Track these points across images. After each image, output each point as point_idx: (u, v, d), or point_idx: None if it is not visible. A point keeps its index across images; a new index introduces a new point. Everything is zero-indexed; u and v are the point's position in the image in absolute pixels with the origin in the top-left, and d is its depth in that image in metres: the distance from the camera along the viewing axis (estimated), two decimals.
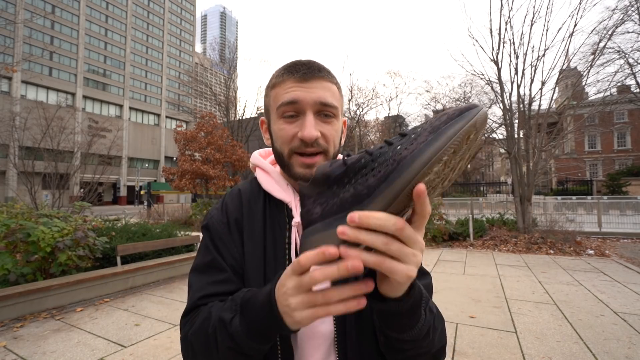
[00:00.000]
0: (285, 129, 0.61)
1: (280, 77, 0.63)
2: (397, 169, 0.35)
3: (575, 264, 6.08)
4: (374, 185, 0.36)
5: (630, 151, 33.81)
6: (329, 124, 0.62)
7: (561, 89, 15.77)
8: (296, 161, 0.62)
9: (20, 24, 37.32)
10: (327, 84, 0.62)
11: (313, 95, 0.60)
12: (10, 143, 9.21)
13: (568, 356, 2.72)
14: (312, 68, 0.61)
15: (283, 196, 0.66)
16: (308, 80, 0.60)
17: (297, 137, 0.60)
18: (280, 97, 0.61)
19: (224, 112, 28.08)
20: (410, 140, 0.36)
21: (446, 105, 31.20)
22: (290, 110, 0.60)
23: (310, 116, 0.59)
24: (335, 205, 0.39)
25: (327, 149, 0.62)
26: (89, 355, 2.83)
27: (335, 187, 0.40)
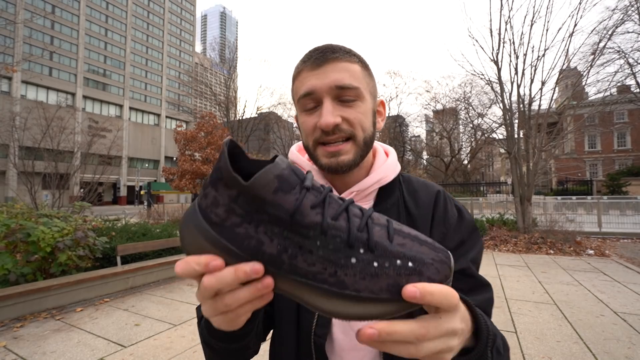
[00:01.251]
0: (307, 121, 0.59)
1: (298, 69, 0.60)
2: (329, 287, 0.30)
3: (575, 264, 6.08)
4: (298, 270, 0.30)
5: (630, 151, 33.82)
6: (352, 107, 0.57)
7: (561, 89, 15.78)
8: (320, 152, 0.59)
9: (20, 24, 37.33)
10: (343, 64, 0.57)
11: (327, 81, 0.55)
12: (10, 143, 9.20)
13: (568, 356, 2.72)
14: (325, 51, 0.57)
15: None
16: (321, 65, 0.56)
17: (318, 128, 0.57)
18: (299, 90, 0.59)
19: (224, 112, 28.11)
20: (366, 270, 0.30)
21: (446, 105, 31.22)
22: (308, 102, 0.58)
23: (328, 103, 0.56)
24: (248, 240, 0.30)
25: (353, 134, 0.57)
26: (89, 355, 2.83)
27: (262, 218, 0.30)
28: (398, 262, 0.30)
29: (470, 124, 29.96)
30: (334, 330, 0.58)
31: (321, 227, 0.30)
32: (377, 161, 0.66)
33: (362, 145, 0.58)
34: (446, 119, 33.30)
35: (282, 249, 0.30)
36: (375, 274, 0.30)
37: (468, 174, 34.14)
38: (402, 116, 36.81)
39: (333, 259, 0.30)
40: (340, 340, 0.58)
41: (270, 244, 0.30)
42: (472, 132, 31.13)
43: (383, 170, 0.64)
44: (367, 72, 0.61)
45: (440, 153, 34.42)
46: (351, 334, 0.57)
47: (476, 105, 26.63)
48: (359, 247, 0.30)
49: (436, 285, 0.29)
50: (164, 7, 59.00)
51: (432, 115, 36.89)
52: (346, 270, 0.30)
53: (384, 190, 0.64)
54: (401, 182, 0.68)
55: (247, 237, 0.30)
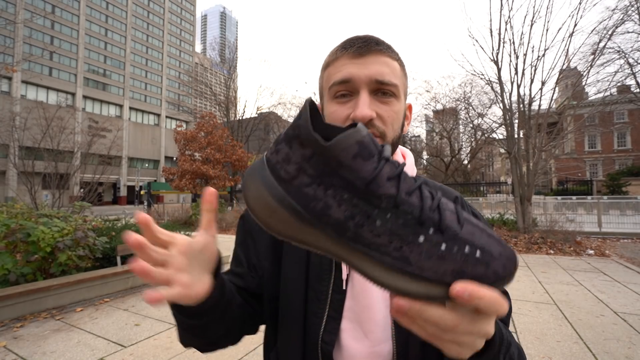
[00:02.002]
0: (337, 111, 0.55)
1: (334, 55, 0.57)
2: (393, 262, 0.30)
3: (575, 264, 6.08)
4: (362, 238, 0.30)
5: (630, 151, 33.83)
6: (387, 104, 0.55)
7: (561, 89, 15.78)
8: None
9: (20, 24, 37.34)
10: (386, 59, 0.55)
11: (368, 72, 0.53)
12: (10, 143, 9.21)
13: (568, 356, 2.72)
14: (369, 42, 0.55)
15: None
16: (363, 55, 0.53)
17: (350, 119, 0.53)
18: (333, 77, 0.55)
19: (224, 112, 28.10)
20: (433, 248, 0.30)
21: (446, 105, 31.22)
22: (342, 89, 0.54)
23: (365, 94, 0.53)
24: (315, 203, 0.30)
25: (384, 133, 0.54)
26: (89, 355, 2.83)
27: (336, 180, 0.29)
28: (467, 248, 0.30)
29: (470, 124, 29.96)
30: (344, 336, 0.54)
31: (395, 200, 0.29)
32: None
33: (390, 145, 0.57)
34: (446, 119, 33.29)
35: (349, 215, 0.29)
36: (441, 256, 0.29)
37: (468, 174, 34.14)
38: None
39: (401, 234, 0.29)
40: (351, 348, 0.54)
41: (337, 208, 0.29)
42: (472, 132, 31.13)
43: None
44: (404, 72, 0.59)
45: (440, 153, 34.41)
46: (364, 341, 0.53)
47: (476, 105, 26.63)
48: (429, 227, 0.30)
49: (486, 291, 0.28)
50: (164, 7, 59.01)
51: (432, 115, 36.88)
52: (412, 247, 0.29)
53: None
54: None
55: (314, 199, 0.29)
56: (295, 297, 0.57)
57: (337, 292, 0.56)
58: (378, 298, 0.55)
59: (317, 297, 0.56)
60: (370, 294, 0.55)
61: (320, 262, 0.57)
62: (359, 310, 0.55)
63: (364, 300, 0.55)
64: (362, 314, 0.54)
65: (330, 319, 0.55)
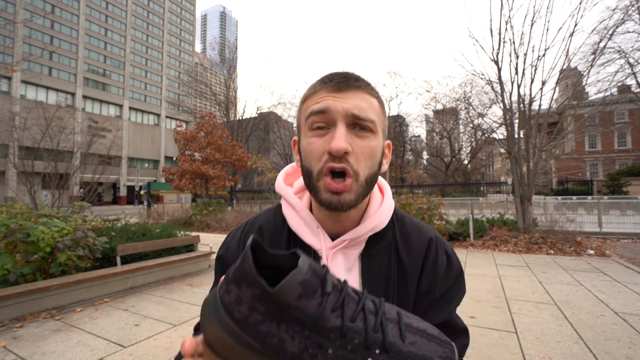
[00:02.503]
0: (315, 143, 0.54)
1: (313, 89, 0.57)
2: None
3: (575, 264, 6.08)
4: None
5: (631, 151, 33.81)
6: (363, 138, 0.54)
7: (561, 89, 15.78)
8: (322, 185, 0.54)
9: (20, 24, 37.31)
10: (364, 95, 0.55)
11: (345, 105, 0.53)
12: (10, 143, 9.20)
13: (568, 356, 2.71)
14: (349, 77, 0.55)
15: (313, 242, 0.59)
16: (342, 90, 0.54)
17: (326, 153, 0.52)
18: (310, 107, 0.56)
19: (224, 112, 28.10)
20: None
21: (446, 105, 31.23)
22: (319, 120, 0.54)
23: (342, 127, 0.52)
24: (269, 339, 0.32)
25: (357, 171, 0.53)
26: (89, 355, 2.83)
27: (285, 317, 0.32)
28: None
29: (471, 124, 29.96)
30: None
31: (341, 330, 0.32)
32: (372, 205, 0.62)
33: (364, 184, 0.55)
34: (446, 119, 33.30)
35: (303, 347, 0.32)
36: None
37: (468, 174, 34.14)
38: (402, 116, 36.83)
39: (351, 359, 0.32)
40: None
41: (292, 342, 0.32)
42: (472, 132, 31.13)
43: (377, 217, 0.61)
44: (382, 110, 0.59)
45: (440, 153, 34.42)
46: None
47: (476, 105, 26.63)
48: (375, 348, 0.32)
49: None
50: (164, 7, 58.99)
51: (432, 115, 36.89)
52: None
53: (374, 239, 0.62)
54: (394, 222, 0.66)
55: (269, 335, 0.32)
56: None
57: None
58: None
59: None
60: None
61: None
62: None
63: None
64: None
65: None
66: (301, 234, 0.60)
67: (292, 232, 0.62)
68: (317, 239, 0.60)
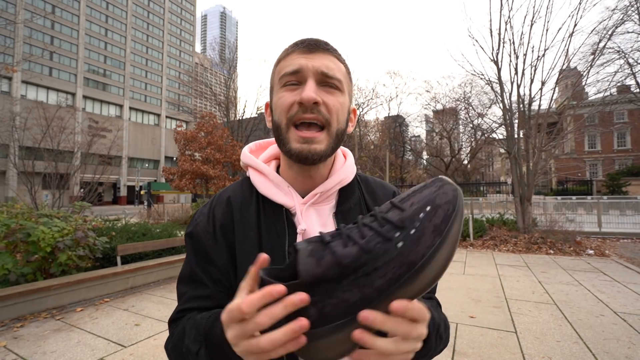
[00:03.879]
0: (285, 96, 0.57)
1: (286, 52, 0.60)
2: (409, 274, 0.35)
3: (575, 264, 6.09)
4: (383, 287, 0.35)
5: (630, 151, 33.81)
6: (332, 94, 0.58)
7: (561, 89, 15.77)
8: (293, 135, 0.57)
9: (20, 24, 37.33)
10: (332, 58, 0.59)
11: (315, 64, 0.56)
12: (10, 143, 9.20)
13: (568, 356, 2.72)
14: (319, 42, 0.59)
15: (285, 201, 0.61)
16: (312, 52, 0.58)
17: (296, 104, 0.56)
18: (284, 69, 0.58)
19: (224, 112, 28.08)
20: (412, 239, 0.35)
21: (446, 105, 31.21)
22: (292, 79, 0.57)
23: (312, 82, 0.56)
24: (339, 308, 0.35)
25: (329, 121, 0.57)
26: (89, 355, 2.83)
27: (330, 285, 0.35)
28: (421, 215, 0.36)
29: (470, 124, 29.94)
30: None
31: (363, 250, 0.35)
32: (337, 163, 0.67)
33: (334, 137, 0.59)
34: (446, 119, 33.29)
35: (359, 290, 0.35)
36: (419, 236, 0.35)
37: (468, 174, 34.13)
38: (402, 116, 36.81)
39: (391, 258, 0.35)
40: None
41: (351, 295, 0.35)
42: (472, 132, 31.12)
43: (343, 171, 0.65)
44: (349, 75, 0.63)
45: (440, 153, 34.41)
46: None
47: (476, 105, 26.63)
48: (394, 233, 0.36)
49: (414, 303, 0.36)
50: (164, 7, 58.98)
51: (432, 115, 36.87)
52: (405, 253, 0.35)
53: (345, 191, 0.66)
54: (359, 181, 0.71)
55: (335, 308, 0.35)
56: None
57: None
58: None
59: None
60: None
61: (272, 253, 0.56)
62: None
63: None
64: None
65: None
66: (271, 195, 0.62)
67: (261, 197, 0.63)
68: (289, 197, 0.61)
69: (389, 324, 0.35)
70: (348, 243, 0.36)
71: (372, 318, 0.34)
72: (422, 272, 0.35)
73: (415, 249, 0.35)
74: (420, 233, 0.35)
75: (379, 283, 0.35)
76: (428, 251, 0.35)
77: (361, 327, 0.35)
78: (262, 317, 0.35)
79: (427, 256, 0.35)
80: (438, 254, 0.35)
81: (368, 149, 28.16)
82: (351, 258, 0.35)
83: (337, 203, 0.65)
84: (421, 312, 0.37)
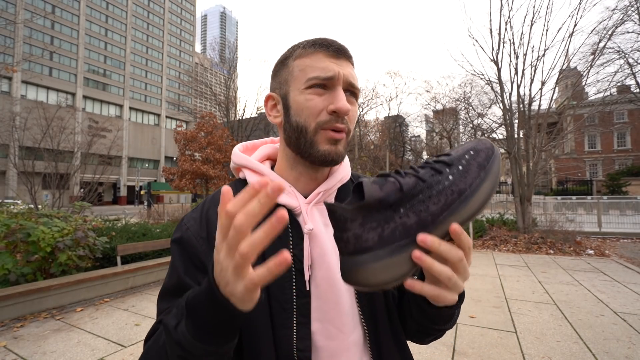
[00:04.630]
0: (314, 100, 0.56)
1: (310, 49, 0.58)
2: (459, 200, 0.39)
3: (575, 264, 6.08)
4: (437, 212, 0.38)
5: (630, 151, 33.81)
6: (353, 104, 0.60)
7: (561, 89, 15.77)
8: (323, 136, 0.56)
9: (20, 24, 37.33)
10: (352, 66, 0.61)
11: (345, 72, 0.57)
12: (10, 143, 9.20)
13: (568, 356, 2.72)
14: (344, 48, 0.60)
15: (288, 201, 0.58)
16: (340, 58, 0.58)
17: (326, 111, 0.56)
18: (310, 70, 0.57)
19: (224, 112, 28.07)
20: (460, 173, 0.40)
21: (446, 105, 31.20)
22: (322, 83, 0.56)
23: (342, 91, 0.56)
24: (397, 231, 0.38)
25: (349, 130, 0.59)
26: (89, 355, 2.83)
27: (388, 212, 0.38)
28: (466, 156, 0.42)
29: (470, 124, 29.92)
30: (316, 338, 0.54)
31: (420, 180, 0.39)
32: None
33: (349, 142, 0.61)
34: (446, 119, 33.29)
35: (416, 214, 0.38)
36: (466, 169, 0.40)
37: None
38: (402, 116, 36.80)
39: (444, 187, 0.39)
40: (327, 347, 0.54)
41: (408, 218, 0.38)
42: (472, 132, 31.11)
43: (342, 170, 0.67)
44: None
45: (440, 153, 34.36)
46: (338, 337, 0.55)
47: (476, 105, 26.62)
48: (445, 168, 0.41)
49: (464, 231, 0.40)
50: (164, 7, 58.98)
51: (432, 115, 36.86)
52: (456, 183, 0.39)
53: (342, 190, 0.67)
54: (353, 180, 0.72)
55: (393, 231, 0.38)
56: (259, 313, 0.53)
57: (301, 296, 0.55)
58: (343, 290, 0.56)
59: (282, 307, 0.54)
60: (338, 289, 0.56)
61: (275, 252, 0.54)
62: (327, 308, 0.55)
63: (332, 297, 0.56)
64: (330, 311, 0.55)
65: (300, 326, 0.54)
66: None
67: None
68: (292, 197, 0.59)
69: (443, 247, 0.38)
70: (406, 176, 0.40)
71: (430, 240, 0.37)
72: (471, 199, 0.39)
73: (464, 180, 0.40)
74: (467, 168, 0.41)
75: (434, 209, 0.38)
76: (474, 181, 0.40)
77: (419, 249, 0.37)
78: (239, 217, 0.32)
79: (475, 185, 0.40)
80: (483, 185, 0.40)
81: (368, 149, 28.15)
82: (409, 185, 0.39)
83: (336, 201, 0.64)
84: (468, 241, 0.40)
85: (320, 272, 0.56)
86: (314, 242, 0.57)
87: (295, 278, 0.56)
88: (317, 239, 0.58)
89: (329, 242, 0.58)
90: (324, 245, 0.58)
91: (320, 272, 0.56)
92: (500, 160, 0.43)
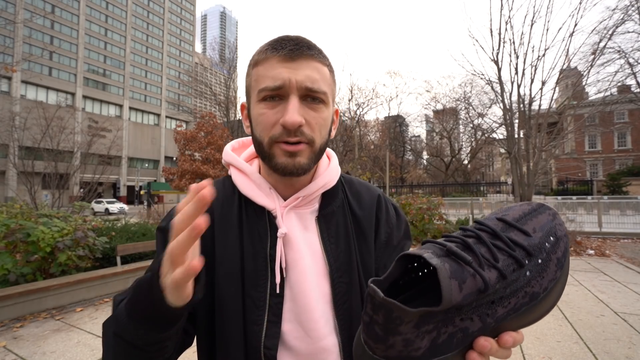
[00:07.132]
0: (266, 114, 0.53)
1: (264, 54, 0.54)
2: (529, 305, 0.33)
3: (575, 264, 6.08)
4: (502, 317, 0.33)
5: (631, 151, 33.81)
6: (316, 110, 0.54)
7: (561, 89, 15.76)
8: (278, 150, 0.54)
9: (20, 24, 37.30)
10: (316, 64, 0.54)
11: (299, 78, 0.52)
12: (10, 143, 9.20)
13: (568, 356, 2.71)
14: (301, 45, 0.53)
15: (266, 202, 0.59)
16: (295, 60, 0.52)
17: (279, 124, 0.52)
18: (262, 79, 0.53)
19: (224, 112, 28.07)
20: (538, 270, 0.34)
21: (446, 105, 31.23)
22: (272, 93, 0.53)
23: (295, 100, 0.52)
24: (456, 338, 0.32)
25: (312, 139, 0.54)
26: (89, 355, 2.83)
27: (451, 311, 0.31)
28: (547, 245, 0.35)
29: (471, 124, 29.96)
30: (287, 338, 0.55)
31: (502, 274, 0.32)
32: (320, 166, 0.65)
33: (317, 151, 0.56)
34: (446, 119, 33.32)
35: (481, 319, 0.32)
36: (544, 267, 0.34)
37: (468, 174, 34.16)
38: (402, 116, 36.86)
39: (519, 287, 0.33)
40: (295, 347, 0.55)
41: (471, 323, 0.32)
42: (472, 132, 31.13)
43: (327, 175, 0.63)
44: (333, 77, 0.59)
45: (440, 153, 34.44)
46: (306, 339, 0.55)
47: (476, 105, 26.64)
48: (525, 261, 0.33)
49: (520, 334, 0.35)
50: (164, 7, 59.00)
51: (432, 115, 36.92)
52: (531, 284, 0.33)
53: (328, 194, 0.64)
54: (343, 183, 0.69)
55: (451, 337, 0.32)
56: (232, 307, 0.55)
57: (274, 296, 0.56)
58: (314, 297, 0.57)
59: (254, 304, 0.55)
60: (309, 294, 0.56)
61: (255, 268, 0.57)
62: (298, 311, 0.56)
63: (303, 301, 0.56)
64: (302, 314, 0.56)
65: (270, 324, 0.55)
66: (253, 196, 0.60)
67: (243, 197, 0.61)
68: (270, 199, 0.59)
69: (500, 353, 0.34)
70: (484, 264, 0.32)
71: (489, 347, 0.33)
72: (541, 305, 0.34)
73: (541, 280, 0.34)
74: (546, 264, 0.34)
75: (501, 312, 0.32)
76: (550, 285, 0.34)
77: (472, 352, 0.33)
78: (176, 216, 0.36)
79: (549, 289, 0.34)
80: (556, 287, 0.35)
81: (368, 149, 28.17)
82: (491, 284, 0.31)
83: (320, 206, 0.63)
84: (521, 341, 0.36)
85: (294, 276, 0.57)
86: (288, 246, 0.58)
87: (270, 278, 0.57)
88: (292, 243, 0.58)
89: (304, 247, 0.59)
90: (300, 249, 0.58)
91: (294, 276, 0.57)
92: None
